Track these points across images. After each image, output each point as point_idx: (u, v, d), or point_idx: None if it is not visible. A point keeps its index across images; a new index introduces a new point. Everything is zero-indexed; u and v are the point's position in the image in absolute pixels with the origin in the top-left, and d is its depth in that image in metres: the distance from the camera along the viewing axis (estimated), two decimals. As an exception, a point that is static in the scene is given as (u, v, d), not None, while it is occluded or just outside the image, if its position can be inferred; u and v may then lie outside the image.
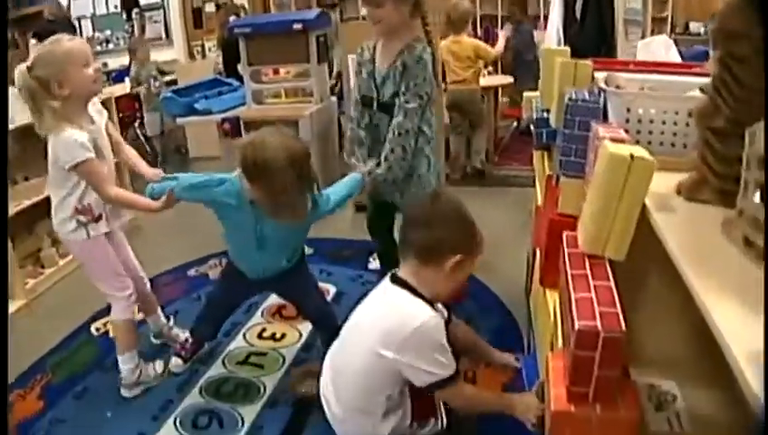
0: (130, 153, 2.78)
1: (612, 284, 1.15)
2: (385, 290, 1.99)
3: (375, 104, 2.84)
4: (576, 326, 1.05)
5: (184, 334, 2.97)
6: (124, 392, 2.72)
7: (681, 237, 1.00)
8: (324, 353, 2.26)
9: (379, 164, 2.78)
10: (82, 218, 2.52)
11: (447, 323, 2.08)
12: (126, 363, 2.71)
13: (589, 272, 1.18)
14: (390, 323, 1.87)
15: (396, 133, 2.72)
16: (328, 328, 2.62)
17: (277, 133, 2.28)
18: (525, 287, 2.77)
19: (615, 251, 1.18)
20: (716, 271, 0.88)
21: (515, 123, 6.84)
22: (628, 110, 1.40)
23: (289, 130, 2.49)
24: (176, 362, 2.89)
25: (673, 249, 0.95)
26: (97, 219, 2.56)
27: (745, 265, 0.90)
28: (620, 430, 1.13)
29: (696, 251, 0.95)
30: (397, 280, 1.96)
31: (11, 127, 3.55)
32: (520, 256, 3.32)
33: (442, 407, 2.12)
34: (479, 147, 5.72)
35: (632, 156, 1.07)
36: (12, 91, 3.55)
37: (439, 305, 2.01)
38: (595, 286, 1.13)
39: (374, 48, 2.86)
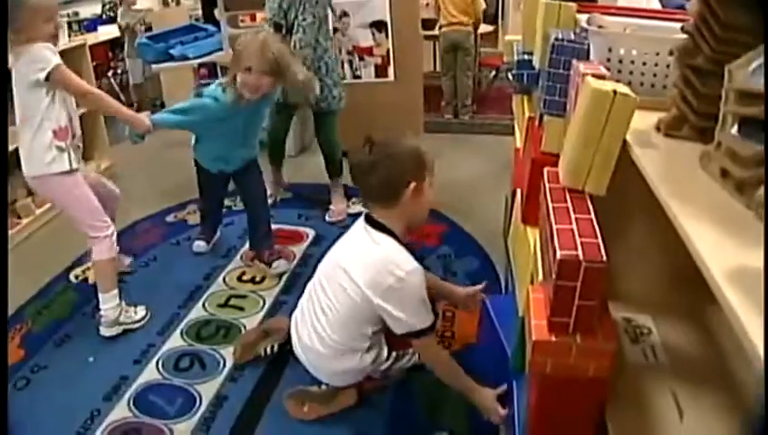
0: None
1: (593, 217, 1.16)
2: (366, 232, 2.07)
3: (284, 29, 3.48)
4: (558, 256, 1.06)
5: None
6: (103, 331, 2.74)
7: (661, 169, 1.02)
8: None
9: None
10: (62, 144, 2.50)
11: None
12: (107, 302, 2.73)
13: (570, 205, 1.19)
14: (377, 269, 1.97)
15: (298, 47, 3.38)
16: (262, 232, 3.26)
17: (272, 36, 2.96)
18: (503, 230, 2.82)
19: (595, 186, 1.19)
20: (695, 199, 0.91)
21: (494, 72, 6.83)
22: (610, 50, 1.41)
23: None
24: (199, 244, 3.42)
25: (653, 180, 0.97)
26: (76, 148, 2.57)
27: (723, 194, 0.93)
28: (599, 359, 1.15)
29: (676, 181, 0.97)
30: (373, 223, 2.05)
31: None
32: (497, 200, 3.38)
33: None
34: (465, 92, 5.80)
35: (615, 92, 1.08)
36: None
37: None
38: (576, 219, 1.15)
39: None
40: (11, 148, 3.69)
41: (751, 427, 1.14)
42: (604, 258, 1.05)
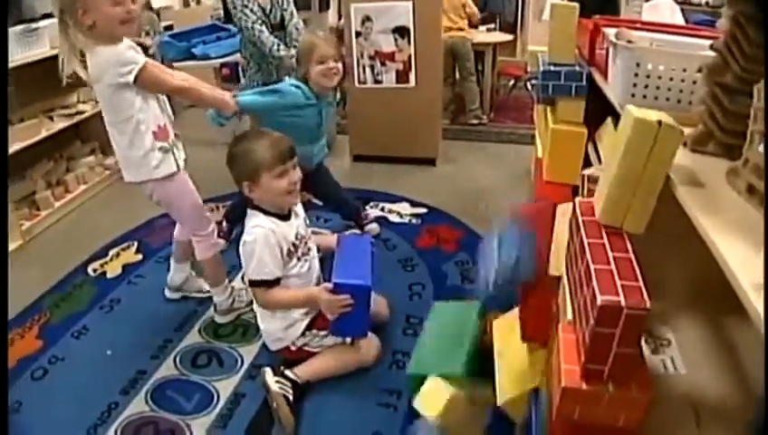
0: None
1: (632, 256, 1.09)
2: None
3: (270, 28, 4.02)
4: (598, 301, 0.99)
5: (206, 285, 2.97)
6: (218, 319, 2.83)
7: (688, 184, 1.04)
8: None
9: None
10: (165, 144, 2.38)
11: None
12: (219, 295, 2.80)
13: (606, 242, 1.13)
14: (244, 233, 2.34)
15: (294, 37, 4.07)
16: (348, 210, 3.59)
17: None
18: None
19: (634, 224, 1.13)
20: (723, 213, 0.93)
21: (512, 81, 6.84)
22: (638, 64, 1.43)
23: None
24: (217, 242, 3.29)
25: (681, 194, 0.99)
26: (175, 144, 2.46)
27: (749, 209, 0.95)
28: (631, 409, 1.10)
29: (703, 196, 0.99)
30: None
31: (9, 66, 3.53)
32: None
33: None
34: (472, 98, 5.80)
35: (660, 122, 1.02)
36: (11, 30, 3.54)
37: (297, 210, 2.49)
38: (615, 258, 1.08)
39: None
40: (34, 139, 3.79)
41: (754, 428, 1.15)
42: (647, 305, 0.99)
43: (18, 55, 3.62)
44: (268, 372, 2.30)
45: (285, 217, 2.38)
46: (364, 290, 2.25)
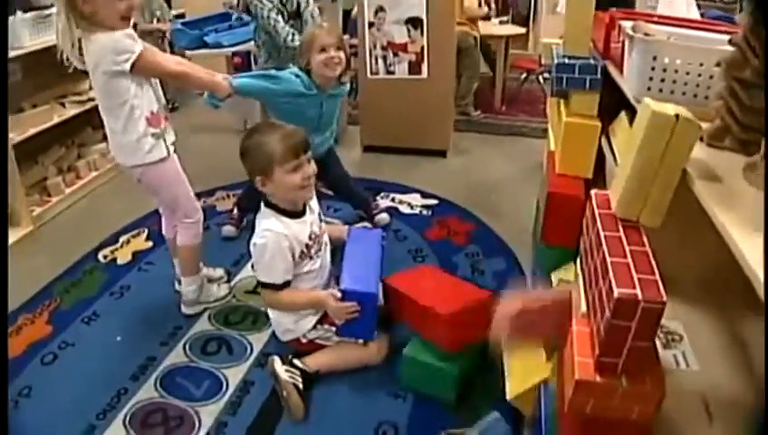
0: None
1: (649, 249, 1.09)
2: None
3: (287, 16, 4.04)
4: (615, 294, 0.99)
5: (216, 272, 3.01)
6: (184, 310, 2.80)
7: (705, 179, 1.02)
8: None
9: None
10: (156, 130, 2.39)
11: None
12: (189, 284, 2.77)
13: (622, 235, 1.12)
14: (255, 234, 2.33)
15: (309, 26, 4.00)
16: (358, 200, 3.60)
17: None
18: (534, 231, 2.82)
19: (651, 218, 1.13)
20: (739, 207, 0.91)
21: (525, 75, 6.80)
22: (655, 58, 1.42)
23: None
24: (228, 229, 3.48)
25: (699, 188, 0.98)
26: (166, 130, 2.47)
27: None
28: (645, 404, 1.09)
29: (720, 190, 0.98)
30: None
31: (20, 52, 3.55)
32: (525, 201, 3.41)
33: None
34: (464, 92, 5.78)
35: (678, 116, 1.02)
36: (21, 17, 3.54)
37: (312, 205, 2.47)
38: (631, 251, 1.08)
39: None
40: (46, 125, 3.80)
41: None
42: (664, 298, 0.99)
43: (31, 41, 3.62)
44: (276, 360, 2.30)
45: (299, 213, 2.37)
46: (372, 297, 2.26)
